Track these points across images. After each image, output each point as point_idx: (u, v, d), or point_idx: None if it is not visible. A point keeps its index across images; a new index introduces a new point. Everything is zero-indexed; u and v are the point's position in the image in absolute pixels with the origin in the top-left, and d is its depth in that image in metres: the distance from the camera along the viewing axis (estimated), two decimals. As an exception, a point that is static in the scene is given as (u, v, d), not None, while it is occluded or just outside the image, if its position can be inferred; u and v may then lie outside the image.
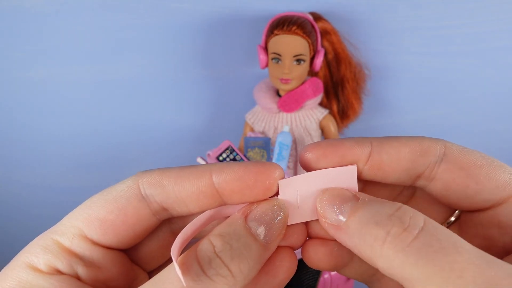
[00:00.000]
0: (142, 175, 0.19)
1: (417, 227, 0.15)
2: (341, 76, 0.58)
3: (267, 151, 0.55)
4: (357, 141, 0.19)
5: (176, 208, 0.19)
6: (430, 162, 0.19)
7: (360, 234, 0.16)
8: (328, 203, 0.18)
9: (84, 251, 0.18)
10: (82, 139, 0.68)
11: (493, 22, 0.58)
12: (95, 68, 0.62)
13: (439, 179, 0.19)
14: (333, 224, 0.18)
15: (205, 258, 0.17)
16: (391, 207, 0.17)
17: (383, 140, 0.19)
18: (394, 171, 0.19)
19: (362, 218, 0.17)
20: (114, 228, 0.18)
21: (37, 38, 0.60)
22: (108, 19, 0.59)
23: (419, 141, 0.19)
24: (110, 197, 0.19)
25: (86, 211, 0.18)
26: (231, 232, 0.18)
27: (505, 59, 0.61)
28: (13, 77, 0.62)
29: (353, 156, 0.19)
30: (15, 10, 0.58)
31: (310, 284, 0.57)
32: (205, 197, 0.19)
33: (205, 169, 0.19)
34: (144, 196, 0.19)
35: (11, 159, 0.69)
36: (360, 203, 0.17)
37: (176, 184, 0.19)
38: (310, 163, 0.19)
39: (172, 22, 0.59)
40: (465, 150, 0.19)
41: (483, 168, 0.18)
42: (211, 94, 0.65)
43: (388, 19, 0.58)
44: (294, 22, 0.52)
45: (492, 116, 0.66)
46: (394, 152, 0.19)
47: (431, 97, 0.65)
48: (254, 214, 0.18)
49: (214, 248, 0.17)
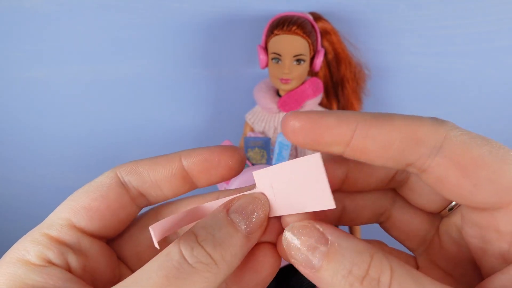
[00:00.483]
0: (118, 166, 0.21)
1: (385, 286, 0.16)
2: (341, 76, 0.58)
3: (267, 151, 0.55)
4: (340, 119, 0.17)
5: (152, 193, 0.21)
6: (422, 154, 0.17)
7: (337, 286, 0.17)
8: (295, 247, 0.18)
9: (72, 239, 0.19)
10: (82, 139, 0.68)
11: (493, 22, 0.58)
12: (95, 68, 0.62)
13: (431, 172, 0.17)
14: (304, 265, 0.17)
15: (188, 247, 0.17)
16: (362, 266, 0.16)
17: (371, 121, 0.17)
18: (379, 158, 0.17)
19: (335, 274, 0.16)
20: (99, 214, 0.20)
21: (37, 38, 0.60)
22: (108, 19, 0.59)
23: (415, 126, 0.17)
24: (92, 188, 0.20)
25: (70, 203, 0.20)
26: (214, 223, 0.18)
27: (505, 59, 0.61)
28: (13, 77, 0.62)
29: (333, 137, 0.17)
30: (15, 10, 0.58)
31: (310, 284, 0.57)
32: (176, 179, 0.21)
33: (175, 155, 0.21)
34: (123, 183, 0.21)
35: (11, 159, 0.69)
36: (331, 251, 0.17)
37: (151, 170, 0.21)
38: (288, 133, 0.18)
39: (172, 22, 0.59)
40: (469, 141, 0.16)
41: (485, 167, 0.16)
42: (211, 94, 0.65)
43: (388, 19, 0.58)
44: (294, 22, 0.52)
45: (492, 116, 0.66)
46: (381, 137, 0.17)
47: (431, 97, 0.65)
48: (235, 207, 0.19)
49: (197, 238, 0.18)
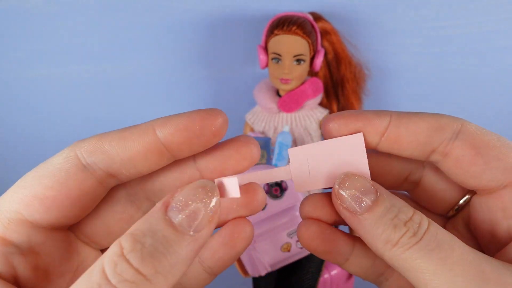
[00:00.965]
0: (78, 144, 0.18)
1: (423, 230, 0.17)
2: (341, 76, 0.58)
3: (267, 151, 0.55)
4: (377, 113, 0.20)
5: (124, 172, 0.18)
6: (445, 138, 0.19)
7: (376, 231, 0.18)
8: (348, 190, 0.19)
9: (22, 237, 0.16)
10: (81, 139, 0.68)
11: (493, 22, 0.58)
12: (94, 68, 0.62)
13: (451, 155, 0.20)
14: (348, 209, 0.19)
15: (111, 263, 0.14)
16: (407, 213, 0.18)
17: (402, 114, 0.20)
18: (410, 144, 0.20)
19: (380, 217, 0.18)
20: (57, 204, 0.17)
21: (37, 38, 0.60)
22: (108, 19, 0.59)
23: (438, 117, 0.20)
24: (47, 172, 0.17)
25: (21, 191, 0.17)
26: (145, 228, 0.15)
27: (505, 59, 0.61)
28: (13, 77, 0.62)
29: (373, 127, 0.20)
30: (15, 10, 0.58)
31: (311, 284, 0.57)
32: (152, 155, 0.18)
33: (148, 125, 0.18)
34: (85, 166, 0.18)
35: (11, 159, 0.69)
36: (380, 199, 0.18)
37: (119, 147, 0.18)
38: (332, 132, 0.20)
39: (172, 22, 0.59)
40: (482, 130, 0.20)
41: (495, 149, 0.19)
42: (211, 94, 0.65)
43: (388, 19, 0.58)
44: (294, 22, 0.52)
45: (492, 116, 0.66)
46: (412, 126, 0.19)
47: (431, 97, 0.65)
48: (174, 202, 0.16)
49: (122, 250, 0.15)
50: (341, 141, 0.20)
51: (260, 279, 0.59)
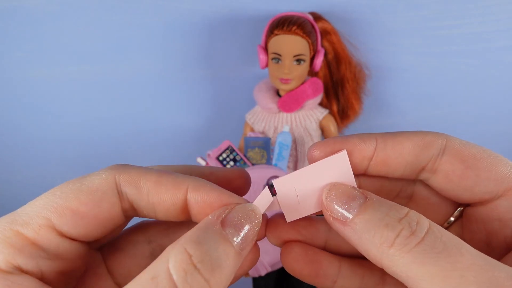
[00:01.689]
0: (119, 169, 0.19)
1: (423, 230, 0.16)
2: (341, 76, 0.58)
3: (267, 151, 0.55)
4: (361, 137, 0.20)
5: (144, 211, 0.19)
6: (432, 155, 0.19)
7: (368, 233, 0.17)
8: (336, 198, 0.18)
9: (51, 244, 0.17)
10: (82, 139, 0.68)
11: (493, 22, 0.58)
12: (95, 68, 0.62)
13: (440, 171, 0.19)
14: (338, 218, 0.18)
15: (180, 271, 0.15)
16: (400, 211, 0.17)
17: (387, 136, 0.20)
18: (399, 165, 0.20)
19: (371, 218, 0.17)
20: (86, 221, 0.17)
21: (37, 38, 0.60)
22: (108, 19, 0.59)
23: (422, 135, 0.19)
24: (85, 188, 0.18)
25: (55, 201, 0.17)
26: (209, 239, 0.16)
27: (505, 59, 0.61)
28: (13, 77, 0.62)
29: (359, 153, 0.19)
30: (15, 10, 0.58)
31: (311, 285, 0.57)
32: (175, 210, 0.19)
33: (183, 181, 0.18)
34: (119, 192, 0.18)
35: (11, 159, 0.69)
36: (369, 202, 0.18)
37: (152, 189, 0.18)
38: (316, 160, 0.20)
39: (172, 22, 0.59)
40: (466, 143, 0.19)
41: (483, 160, 0.19)
42: (211, 94, 0.65)
43: (388, 19, 0.58)
44: (294, 22, 0.52)
45: (492, 116, 0.66)
46: (398, 147, 0.19)
47: (431, 97, 0.65)
48: (231, 220, 0.17)
49: (191, 258, 0.15)
50: (325, 163, 0.19)
51: (260, 279, 0.59)
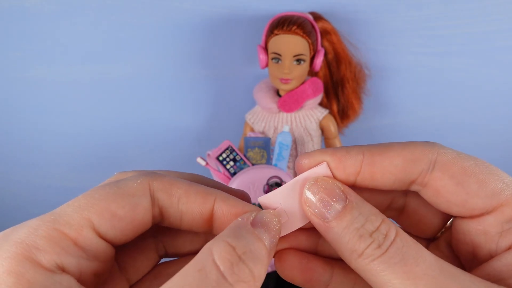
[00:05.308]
0: (152, 176, 0.19)
1: (388, 243, 0.17)
2: (341, 76, 0.58)
3: (267, 151, 0.55)
4: (348, 151, 0.19)
5: (171, 218, 0.20)
6: (422, 170, 0.19)
7: (342, 239, 0.18)
8: (317, 194, 0.19)
9: (92, 244, 0.17)
10: (81, 139, 0.68)
11: (493, 22, 0.58)
12: (95, 68, 0.62)
13: (430, 186, 0.19)
14: (317, 216, 0.19)
15: (226, 262, 0.16)
16: (375, 223, 0.18)
17: (374, 150, 0.19)
18: (388, 179, 0.19)
19: (347, 226, 0.18)
20: (121, 224, 0.18)
21: (37, 38, 0.60)
22: (108, 19, 0.59)
23: (411, 149, 0.19)
24: (122, 192, 0.18)
25: (95, 202, 0.18)
26: (245, 235, 0.17)
27: (505, 59, 0.61)
28: (13, 77, 0.62)
29: (345, 170, 0.19)
30: (15, 10, 0.58)
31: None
32: (201, 218, 0.19)
33: (212, 193, 0.20)
34: (152, 198, 0.19)
35: (11, 159, 0.69)
36: (348, 207, 0.18)
37: (183, 197, 0.19)
38: (303, 168, 0.20)
39: (172, 22, 0.59)
40: (458, 157, 0.19)
41: (474, 176, 0.18)
42: (211, 94, 0.65)
43: (388, 19, 0.58)
44: (294, 22, 0.52)
45: (492, 116, 0.66)
46: (387, 162, 0.19)
47: (431, 97, 0.65)
48: (259, 221, 0.18)
49: (235, 250, 0.16)
50: (307, 175, 0.20)
51: (260, 279, 0.59)
